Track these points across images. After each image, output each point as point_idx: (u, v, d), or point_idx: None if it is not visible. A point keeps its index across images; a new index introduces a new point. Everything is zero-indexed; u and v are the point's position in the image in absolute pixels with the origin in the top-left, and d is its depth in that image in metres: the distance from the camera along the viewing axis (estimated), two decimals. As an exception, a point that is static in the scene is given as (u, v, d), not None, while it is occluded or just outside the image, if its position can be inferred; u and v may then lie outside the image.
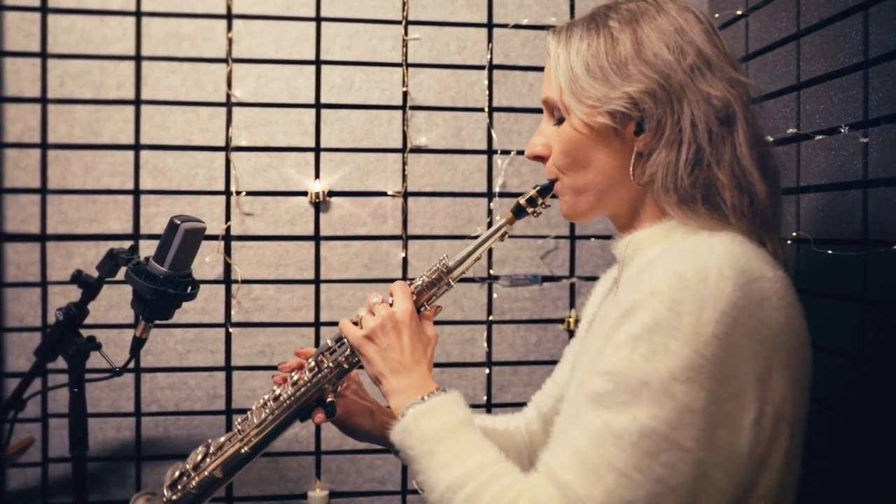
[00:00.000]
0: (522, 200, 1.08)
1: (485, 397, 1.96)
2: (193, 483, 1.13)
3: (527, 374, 1.98)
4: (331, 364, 1.12)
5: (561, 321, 1.98)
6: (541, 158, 1.06)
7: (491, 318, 1.96)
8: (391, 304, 1.08)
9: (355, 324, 1.10)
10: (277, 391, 1.15)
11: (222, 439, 1.15)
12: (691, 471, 0.80)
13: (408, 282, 1.13)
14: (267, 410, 1.13)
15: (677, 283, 0.82)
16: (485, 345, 1.96)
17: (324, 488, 1.90)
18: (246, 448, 1.13)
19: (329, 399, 1.13)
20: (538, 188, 1.08)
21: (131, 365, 1.64)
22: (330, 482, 1.91)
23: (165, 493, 1.13)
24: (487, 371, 1.96)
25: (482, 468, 0.91)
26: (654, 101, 0.93)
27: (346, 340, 1.11)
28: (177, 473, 1.14)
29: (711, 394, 0.81)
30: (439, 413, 0.98)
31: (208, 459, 1.13)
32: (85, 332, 1.40)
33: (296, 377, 1.14)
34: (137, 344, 1.36)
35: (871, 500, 1.27)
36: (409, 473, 1.91)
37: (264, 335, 1.89)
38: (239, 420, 1.15)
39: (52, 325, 1.38)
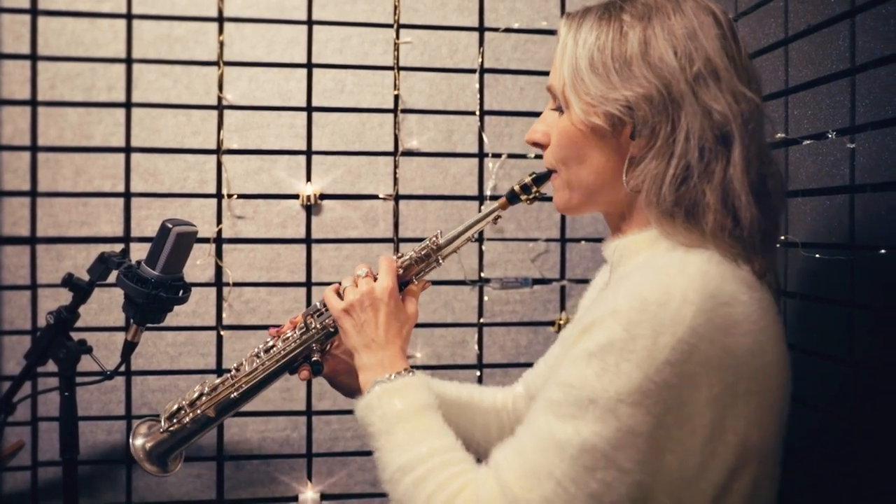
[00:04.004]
0: (517, 186, 1.08)
1: (476, 400, 1.96)
2: (188, 418, 1.19)
3: (517, 376, 1.95)
4: (318, 325, 1.16)
5: (551, 323, 1.98)
6: (539, 145, 1.05)
7: (482, 320, 1.97)
8: (375, 278, 1.11)
9: (341, 296, 1.12)
10: (270, 343, 1.19)
11: (217, 381, 1.20)
12: (626, 491, 0.80)
13: (396, 255, 1.15)
14: (258, 361, 1.19)
15: (637, 304, 0.81)
16: (476, 347, 1.97)
17: (315, 490, 1.90)
18: (235, 393, 1.18)
19: (315, 358, 1.17)
20: (534, 176, 1.07)
21: (122, 368, 1.63)
22: (321, 484, 1.91)
23: (163, 422, 1.20)
24: (478, 373, 1.97)
25: (434, 454, 0.93)
26: (650, 107, 0.90)
27: None
28: (175, 406, 1.21)
29: (658, 419, 0.80)
30: (403, 393, 1.00)
31: (203, 398, 1.19)
32: (76, 336, 1.40)
33: (289, 334, 1.18)
34: (129, 348, 1.36)
35: (861, 503, 1.28)
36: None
37: (256, 338, 1.89)
38: (234, 366, 1.21)
39: (43, 328, 1.37)
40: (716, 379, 0.81)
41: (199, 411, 1.19)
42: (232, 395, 1.18)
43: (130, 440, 1.20)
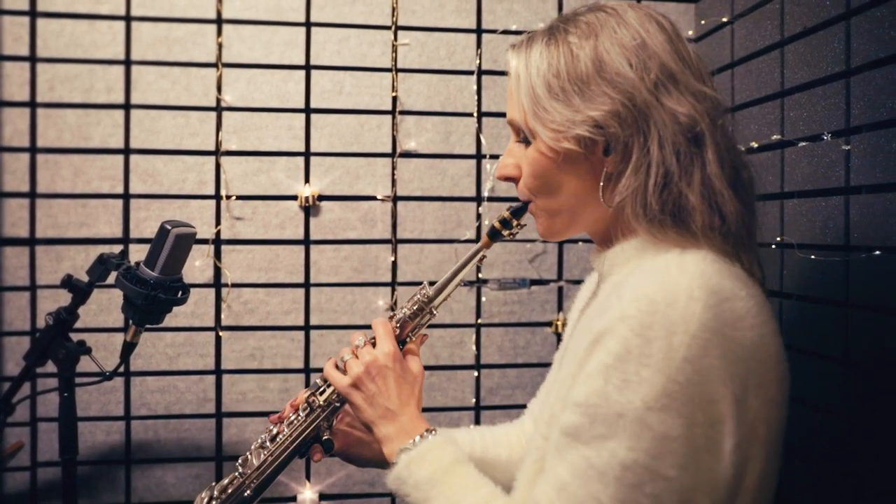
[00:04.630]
0: (496, 223, 1.07)
1: (473, 400, 1.97)
2: None
3: (515, 376, 1.99)
4: (322, 403, 1.13)
5: (549, 324, 1.99)
6: (512, 179, 1.04)
7: (479, 321, 1.98)
8: (374, 344, 1.09)
9: (342, 369, 1.10)
10: (274, 430, 1.16)
11: (225, 482, 1.16)
12: (677, 498, 0.79)
13: (390, 316, 1.13)
14: (266, 452, 1.14)
15: (646, 307, 0.81)
16: (473, 348, 1.98)
17: (314, 490, 1.90)
18: (248, 491, 1.14)
19: (325, 437, 1.14)
20: (511, 210, 1.07)
21: (121, 369, 1.64)
22: (320, 484, 1.91)
23: None
24: (476, 374, 1.98)
25: None
26: (619, 122, 0.90)
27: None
28: None
29: (688, 419, 0.79)
30: (429, 458, 0.99)
31: (214, 503, 1.15)
32: (75, 336, 1.40)
33: (292, 418, 1.15)
34: (128, 348, 1.36)
35: (857, 502, 1.29)
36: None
37: (254, 339, 1.90)
38: (239, 461, 1.17)
39: (42, 329, 1.38)
40: (733, 372, 0.81)
41: None
42: (245, 494, 1.14)
43: None
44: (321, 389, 1.14)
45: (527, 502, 0.89)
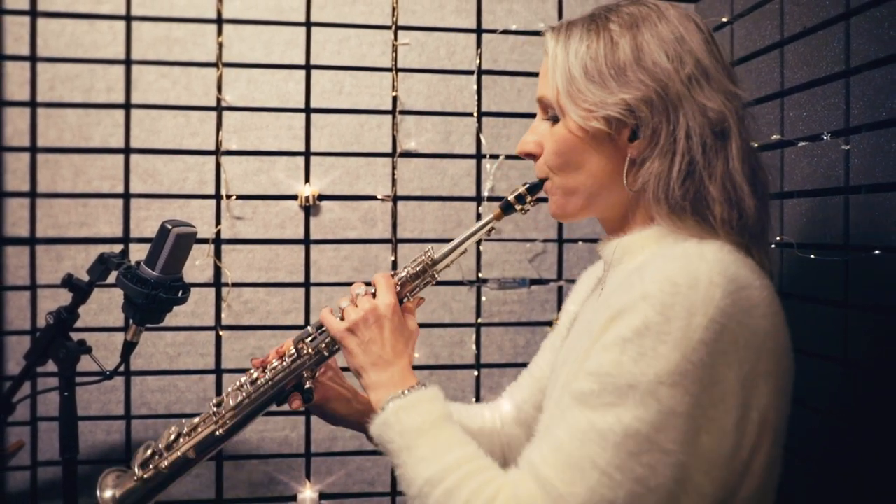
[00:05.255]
0: (511, 197, 1.09)
1: (473, 399, 1.97)
2: (165, 463, 1.12)
3: (515, 375, 1.97)
4: (310, 350, 1.13)
5: (549, 323, 1.99)
6: (532, 156, 1.07)
7: (479, 320, 1.98)
8: (374, 296, 1.10)
9: (339, 316, 1.10)
10: (255, 374, 1.15)
11: (196, 420, 1.15)
12: (671, 473, 0.82)
13: (391, 273, 1.14)
14: (243, 394, 1.14)
15: (669, 288, 0.83)
16: (473, 347, 1.98)
17: (314, 490, 1.91)
18: (220, 430, 1.13)
19: (307, 385, 1.14)
20: (527, 185, 1.09)
21: (121, 368, 1.64)
22: (320, 484, 1.92)
23: (136, 471, 1.12)
24: (476, 373, 1.98)
25: (461, 463, 0.92)
26: (650, 108, 0.94)
27: (326, 330, 1.12)
28: (148, 452, 1.13)
29: (696, 398, 0.82)
30: (419, 408, 1.00)
31: (182, 440, 1.13)
32: (75, 336, 1.40)
33: (275, 363, 1.14)
34: (128, 348, 1.36)
35: (856, 502, 1.29)
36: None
37: (254, 338, 1.90)
38: (214, 402, 1.15)
39: (43, 328, 1.38)
40: (743, 358, 0.85)
41: (178, 454, 1.12)
42: (217, 433, 1.13)
43: (98, 493, 1.12)
44: (311, 337, 1.14)
45: (519, 464, 0.90)
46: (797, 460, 1.40)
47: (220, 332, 1.88)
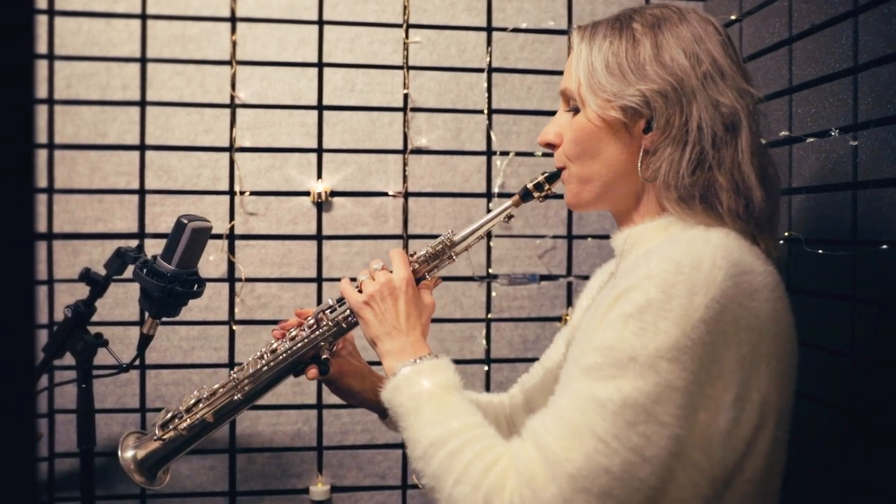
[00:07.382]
0: (530, 185, 1.14)
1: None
2: (185, 425, 1.16)
3: (524, 370, 1.99)
4: (330, 322, 1.17)
5: (558, 319, 2.01)
6: (552, 146, 1.11)
7: (490, 316, 2.00)
8: (391, 271, 1.14)
9: (357, 288, 1.14)
10: (275, 345, 1.19)
11: (216, 386, 1.19)
12: (667, 444, 0.84)
13: (411, 253, 1.18)
14: (263, 362, 1.17)
15: (672, 268, 0.87)
16: (484, 342, 1.99)
17: (325, 483, 1.93)
18: (239, 395, 1.17)
19: (324, 356, 1.17)
20: (546, 174, 1.13)
21: (137, 361, 1.67)
22: (331, 477, 1.94)
23: (157, 431, 1.16)
24: (486, 368, 2.00)
25: (466, 428, 0.96)
26: (665, 100, 0.98)
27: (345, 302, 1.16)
28: (168, 415, 1.17)
29: (693, 374, 0.85)
30: (430, 374, 1.03)
31: (201, 404, 1.18)
32: (92, 329, 1.43)
33: (294, 333, 1.18)
34: (145, 341, 1.39)
35: (861, 497, 1.30)
36: (410, 468, 1.94)
37: (267, 332, 1.92)
38: (235, 369, 1.19)
39: (60, 322, 1.40)
40: (744, 339, 0.88)
41: (197, 417, 1.16)
42: (235, 398, 1.17)
43: (119, 453, 1.16)
44: (332, 308, 1.17)
45: (521, 432, 0.93)
46: (803, 456, 1.41)
47: (234, 327, 1.91)
